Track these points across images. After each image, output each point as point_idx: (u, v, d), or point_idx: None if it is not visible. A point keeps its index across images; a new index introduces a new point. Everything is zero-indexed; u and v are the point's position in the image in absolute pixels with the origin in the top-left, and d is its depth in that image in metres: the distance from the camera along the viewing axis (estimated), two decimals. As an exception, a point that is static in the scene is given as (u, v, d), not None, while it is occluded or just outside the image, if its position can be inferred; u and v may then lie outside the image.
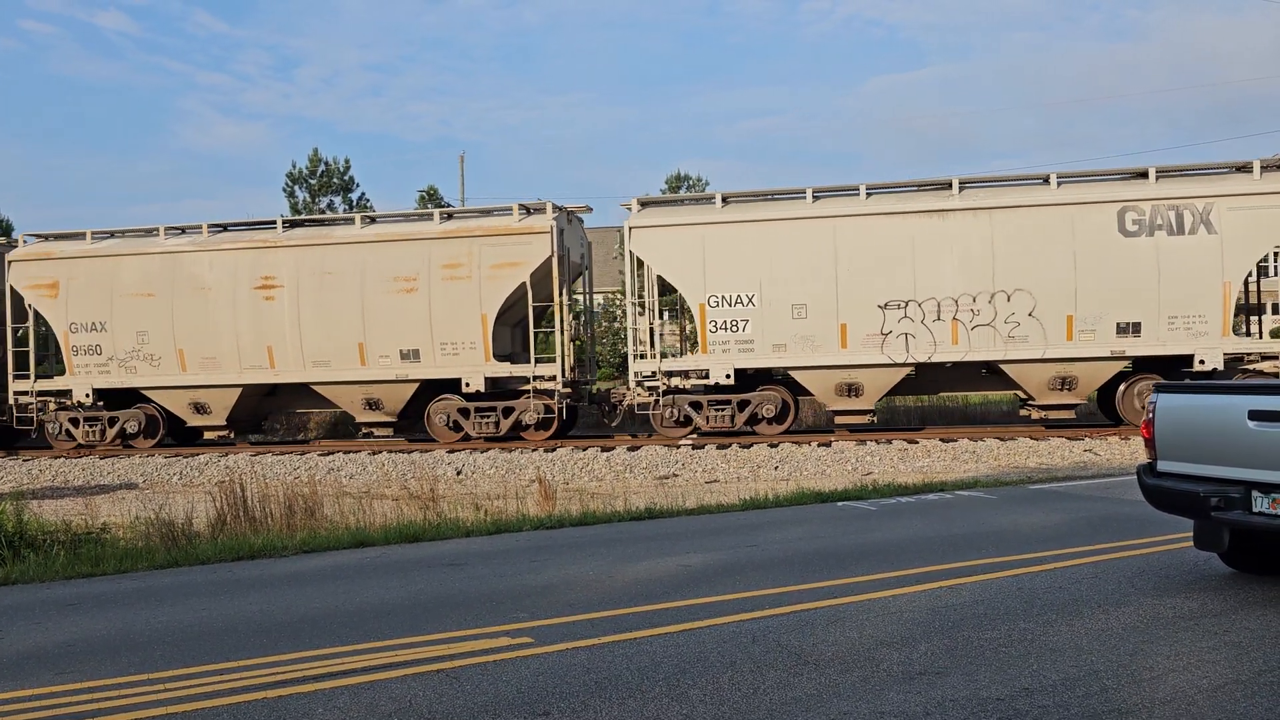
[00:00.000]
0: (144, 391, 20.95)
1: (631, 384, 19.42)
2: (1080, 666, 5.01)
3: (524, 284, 19.30)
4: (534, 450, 18.77)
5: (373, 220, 21.09)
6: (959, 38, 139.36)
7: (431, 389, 20.08)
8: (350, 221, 20.92)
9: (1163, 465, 6.71)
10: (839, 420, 19.14)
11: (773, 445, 18.15)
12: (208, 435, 21.39)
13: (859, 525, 9.73)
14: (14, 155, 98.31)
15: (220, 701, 4.95)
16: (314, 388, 20.42)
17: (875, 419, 19.35)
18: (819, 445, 17.98)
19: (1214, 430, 6.33)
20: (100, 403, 21.09)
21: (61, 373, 21.82)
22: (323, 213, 37.28)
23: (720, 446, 18.31)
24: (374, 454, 18.94)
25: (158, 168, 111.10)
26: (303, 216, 20.72)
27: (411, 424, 20.89)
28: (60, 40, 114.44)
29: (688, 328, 22.28)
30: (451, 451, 18.96)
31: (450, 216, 20.50)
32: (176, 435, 21.85)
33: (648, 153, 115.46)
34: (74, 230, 21.56)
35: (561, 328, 19.88)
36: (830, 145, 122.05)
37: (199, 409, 20.86)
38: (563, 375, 19.54)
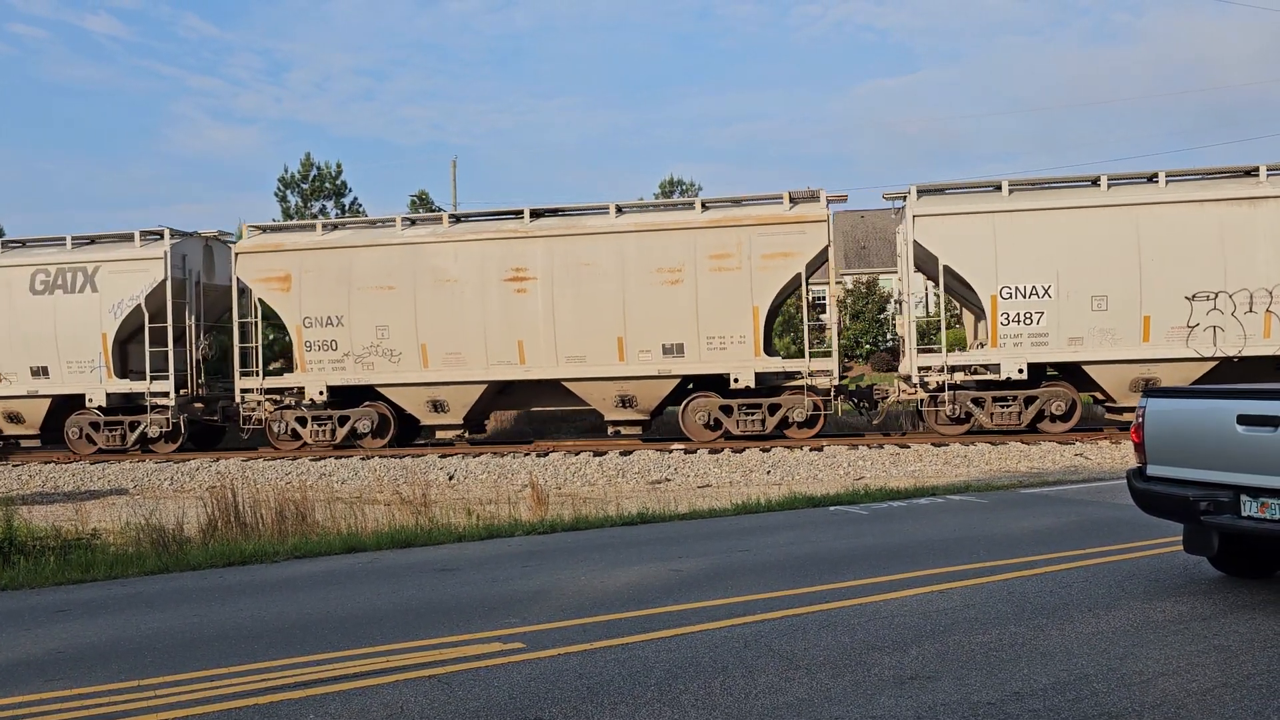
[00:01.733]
0: (380, 389, 20.06)
1: (914, 378, 18.51)
2: (1070, 670, 5.03)
3: (799, 275, 18.77)
4: (526, 455, 18.75)
5: (621, 210, 19.87)
6: (950, 42, 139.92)
7: (682, 386, 19.45)
8: (604, 211, 19.79)
9: (1152, 469, 6.74)
10: (1126, 418, 18.16)
11: (765, 450, 18.16)
12: (440, 435, 20.55)
13: (851, 530, 9.75)
14: (4, 159, 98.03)
15: (211, 708, 4.93)
16: (565, 384, 19.52)
17: None
18: (811, 449, 18.01)
19: (1203, 435, 6.36)
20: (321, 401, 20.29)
21: (278, 370, 20.98)
22: (315, 216, 37.23)
23: (712, 451, 18.32)
24: (365, 459, 18.90)
25: (149, 172, 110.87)
26: (548, 206, 19.84)
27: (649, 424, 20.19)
28: (50, 44, 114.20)
29: (972, 321, 20.95)
30: (443, 456, 18.94)
31: (706, 206, 19.57)
32: (402, 436, 20.92)
33: (640, 156, 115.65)
34: (302, 221, 20.52)
35: (833, 321, 19.33)
36: (822, 149, 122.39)
37: (437, 407, 19.91)
38: (839, 370, 19.06)
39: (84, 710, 5.00)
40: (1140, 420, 6.81)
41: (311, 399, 20.12)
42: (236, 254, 20.73)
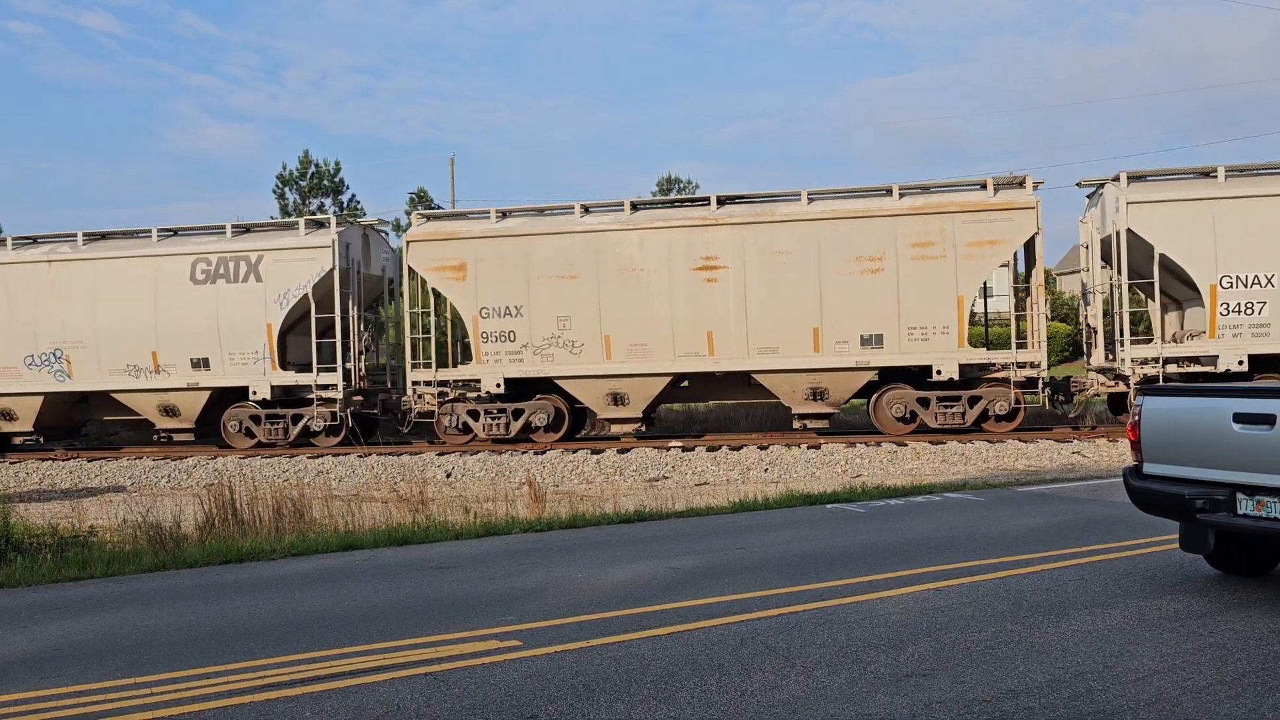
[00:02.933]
0: (559, 381, 19.37)
1: (1128, 369, 18.11)
2: (1066, 668, 5.04)
3: (1007, 264, 18.50)
4: (524, 453, 18.75)
5: (813, 197, 19.06)
6: (947, 41, 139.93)
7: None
8: (795, 198, 19.01)
9: (1148, 468, 6.75)
10: None
11: (762, 448, 18.16)
12: (616, 429, 19.80)
13: (848, 528, 9.75)
14: (1, 158, 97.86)
15: (207, 705, 4.94)
16: (755, 376, 18.80)
17: None
18: (808, 448, 18.00)
19: (1199, 433, 6.37)
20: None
21: (445, 362, 20.38)
22: (314, 214, 37.18)
23: (710, 449, 18.31)
24: (362, 456, 18.88)
25: (146, 170, 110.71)
26: (733, 193, 19.20)
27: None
28: (46, 41, 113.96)
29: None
30: (441, 454, 18.93)
31: (904, 193, 18.82)
32: (571, 431, 20.17)
33: (637, 155, 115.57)
34: (474, 208, 19.98)
35: (1041, 311, 18.67)
36: (819, 148, 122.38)
37: (617, 400, 19.19)
38: (1046, 363, 18.57)
39: (80, 708, 5.00)
40: (1136, 418, 6.82)
41: (488, 391, 19.44)
42: (407, 241, 19.92)
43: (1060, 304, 38.58)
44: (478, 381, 19.54)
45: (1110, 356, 19.20)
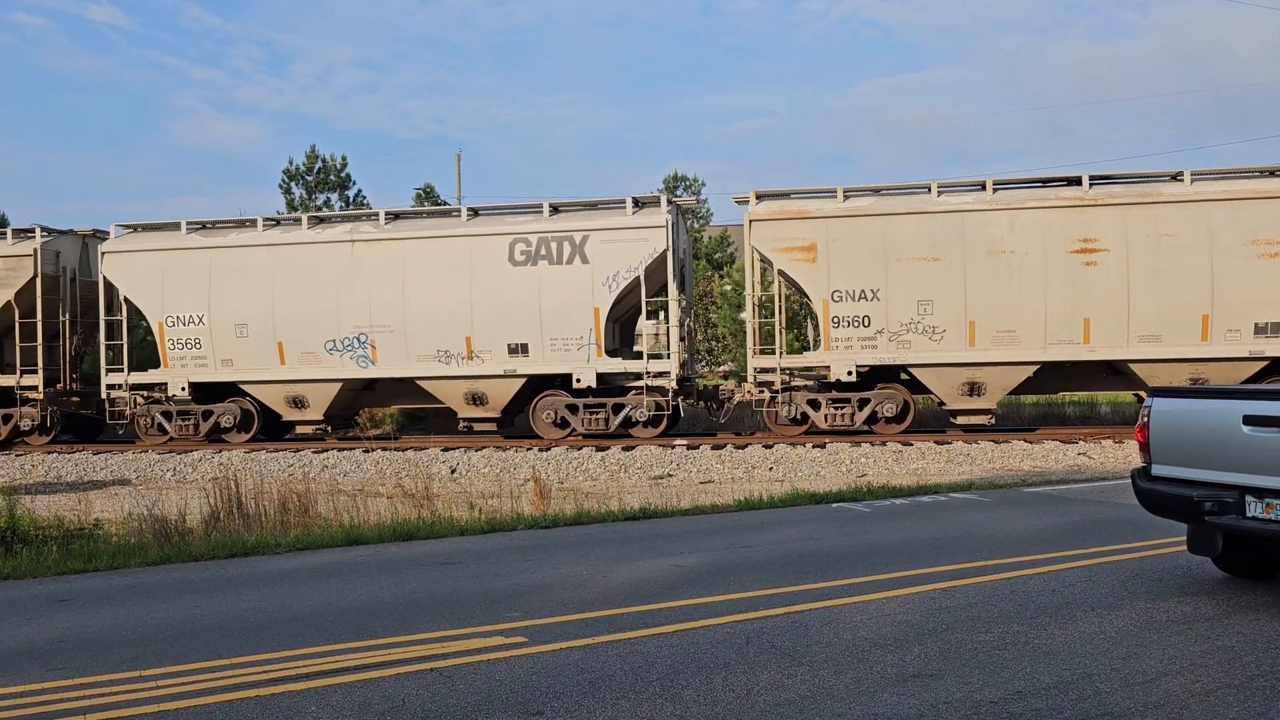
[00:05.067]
0: (912, 369, 18.48)
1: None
2: (1073, 670, 5.02)
3: None
4: (529, 449, 18.75)
5: (1196, 177, 18.08)
6: (955, 40, 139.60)
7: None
8: (1177, 178, 17.99)
9: (1157, 469, 6.72)
10: None
11: (768, 446, 18.14)
12: (963, 420, 18.90)
13: (853, 527, 9.73)
14: (6, 150, 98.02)
15: (212, 699, 4.94)
16: (1130, 365, 17.95)
17: None
18: (813, 446, 17.98)
19: (1209, 435, 6.34)
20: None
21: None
22: (319, 209, 37.19)
23: (715, 447, 18.30)
24: (368, 451, 18.89)
25: (151, 163, 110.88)
26: (1107, 172, 18.41)
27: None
28: (51, 34, 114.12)
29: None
30: (446, 450, 18.93)
31: None
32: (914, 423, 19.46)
33: (642, 153, 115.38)
34: (817, 187, 19.13)
35: None
36: (825, 147, 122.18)
37: (974, 390, 18.27)
38: None
39: (86, 700, 5.00)
40: (1145, 420, 6.79)
41: (838, 379, 18.41)
42: (750, 221, 18.84)
43: None
44: (826, 369, 18.59)
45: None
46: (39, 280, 21.06)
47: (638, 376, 19.24)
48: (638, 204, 19.53)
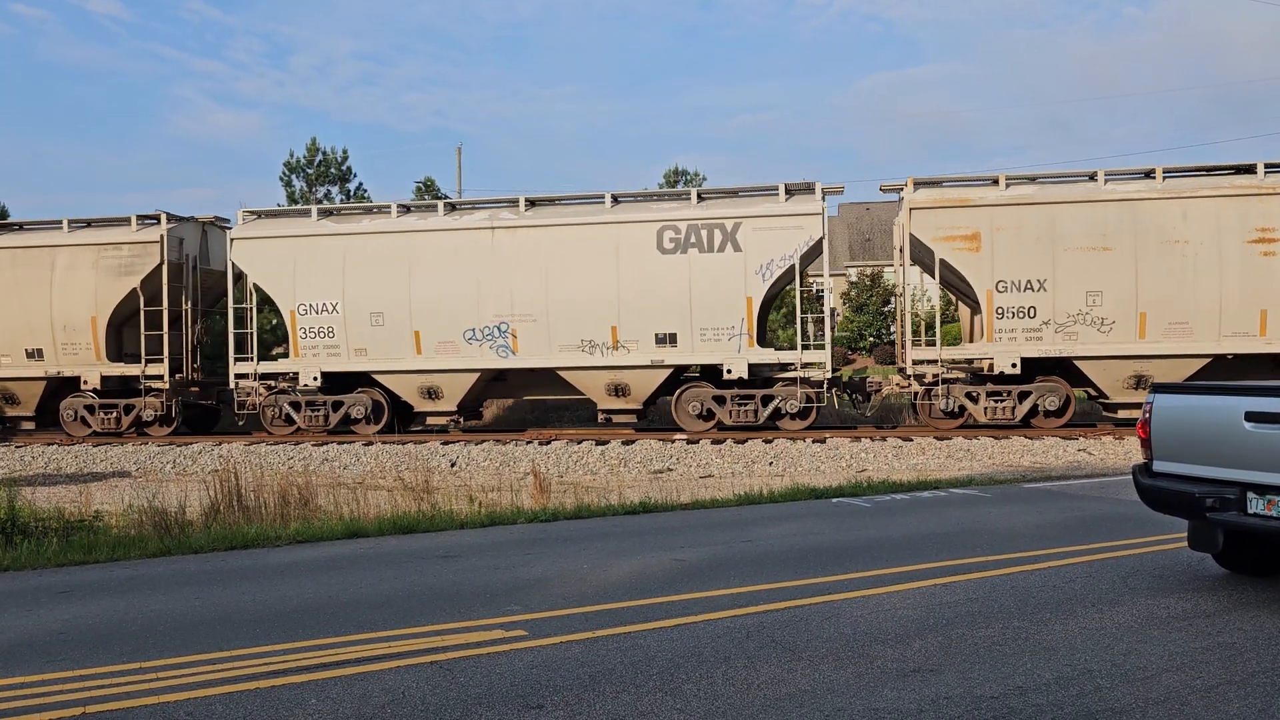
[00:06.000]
0: (1077, 362, 18.01)
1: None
2: (1074, 665, 5.02)
3: None
4: (529, 443, 18.74)
5: None
6: (957, 35, 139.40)
7: None
8: None
9: (1159, 465, 6.71)
10: None
11: (767, 441, 18.14)
12: (1123, 414, 18.36)
13: (854, 522, 9.73)
14: (6, 142, 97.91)
15: (212, 691, 4.93)
16: None
17: None
18: (814, 441, 17.98)
19: (1210, 431, 6.34)
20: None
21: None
22: (319, 202, 37.15)
23: (715, 441, 18.29)
24: (368, 445, 18.90)
25: (152, 155, 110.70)
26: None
27: None
28: (51, 25, 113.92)
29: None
30: (446, 443, 18.93)
31: None
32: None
33: (642, 146, 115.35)
34: (976, 175, 18.76)
35: None
36: (825, 141, 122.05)
37: (1141, 383, 17.84)
38: None
39: (85, 691, 4.99)
40: (1147, 416, 6.78)
41: (1001, 371, 18.03)
42: (911, 209, 18.39)
43: None
44: (988, 361, 18.15)
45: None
46: (165, 267, 20.39)
47: (784, 367, 18.88)
48: (789, 191, 19.04)
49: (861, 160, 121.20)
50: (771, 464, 16.71)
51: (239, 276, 20.73)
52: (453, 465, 17.40)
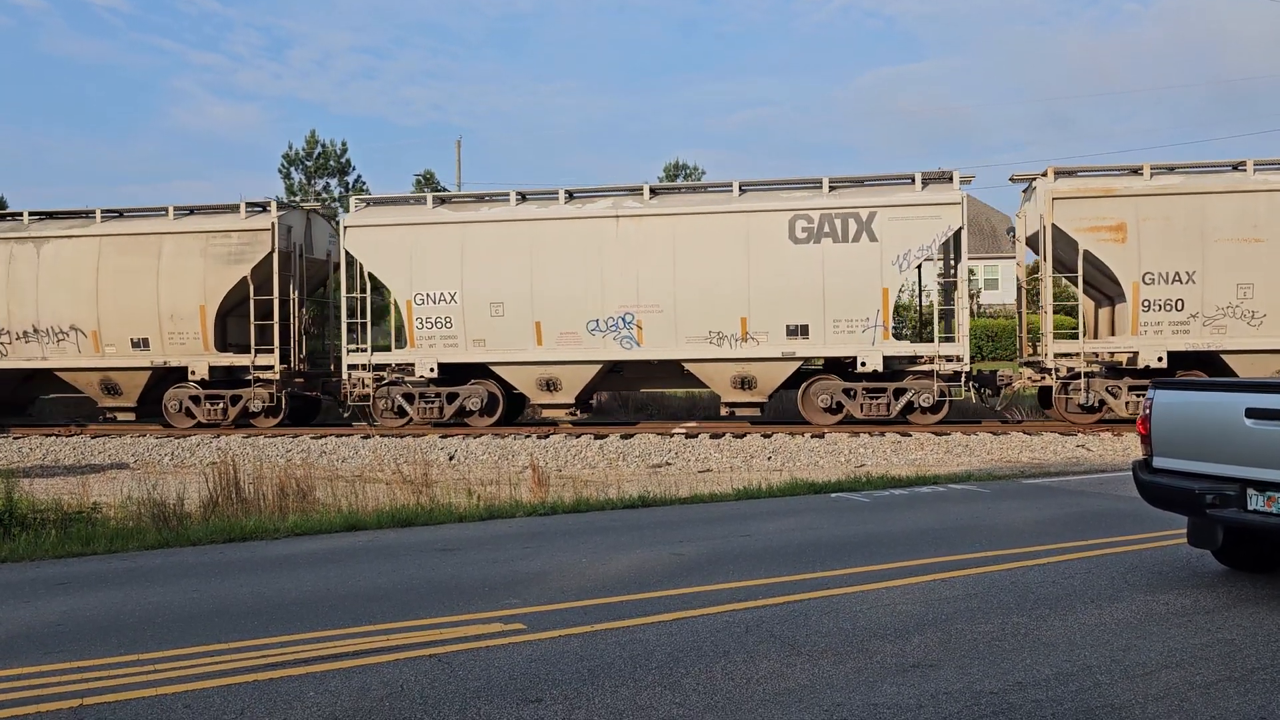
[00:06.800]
0: (1223, 355, 17.62)
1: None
2: (1073, 661, 5.01)
3: None
4: (527, 436, 18.73)
5: None
6: (957, 30, 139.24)
7: None
8: None
9: (1159, 462, 6.70)
10: None
11: (766, 435, 18.13)
12: None
13: (853, 517, 9.73)
14: (4, 134, 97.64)
15: (210, 683, 4.92)
16: None
17: None
18: (812, 436, 17.97)
19: (1211, 427, 6.33)
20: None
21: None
22: (318, 195, 37.09)
23: (713, 435, 18.28)
24: (366, 438, 18.87)
25: (150, 147, 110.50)
26: None
27: None
28: (50, 16, 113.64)
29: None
30: (444, 436, 18.91)
31: None
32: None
33: (642, 141, 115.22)
34: (1117, 164, 18.39)
35: None
36: (826, 136, 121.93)
37: None
38: None
39: (83, 683, 4.98)
40: (1147, 412, 6.77)
41: (1146, 365, 17.70)
42: (1054, 199, 17.95)
43: None
44: (1130, 355, 17.80)
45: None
46: (275, 255, 20.05)
47: (914, 360, 18.46)
48: (925, 180, 18.60)
49: (862, 156, 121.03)
50: (770, 458, 16.70)
51: (350, 264, 20.29)
52: (451, 459, 17.38)
